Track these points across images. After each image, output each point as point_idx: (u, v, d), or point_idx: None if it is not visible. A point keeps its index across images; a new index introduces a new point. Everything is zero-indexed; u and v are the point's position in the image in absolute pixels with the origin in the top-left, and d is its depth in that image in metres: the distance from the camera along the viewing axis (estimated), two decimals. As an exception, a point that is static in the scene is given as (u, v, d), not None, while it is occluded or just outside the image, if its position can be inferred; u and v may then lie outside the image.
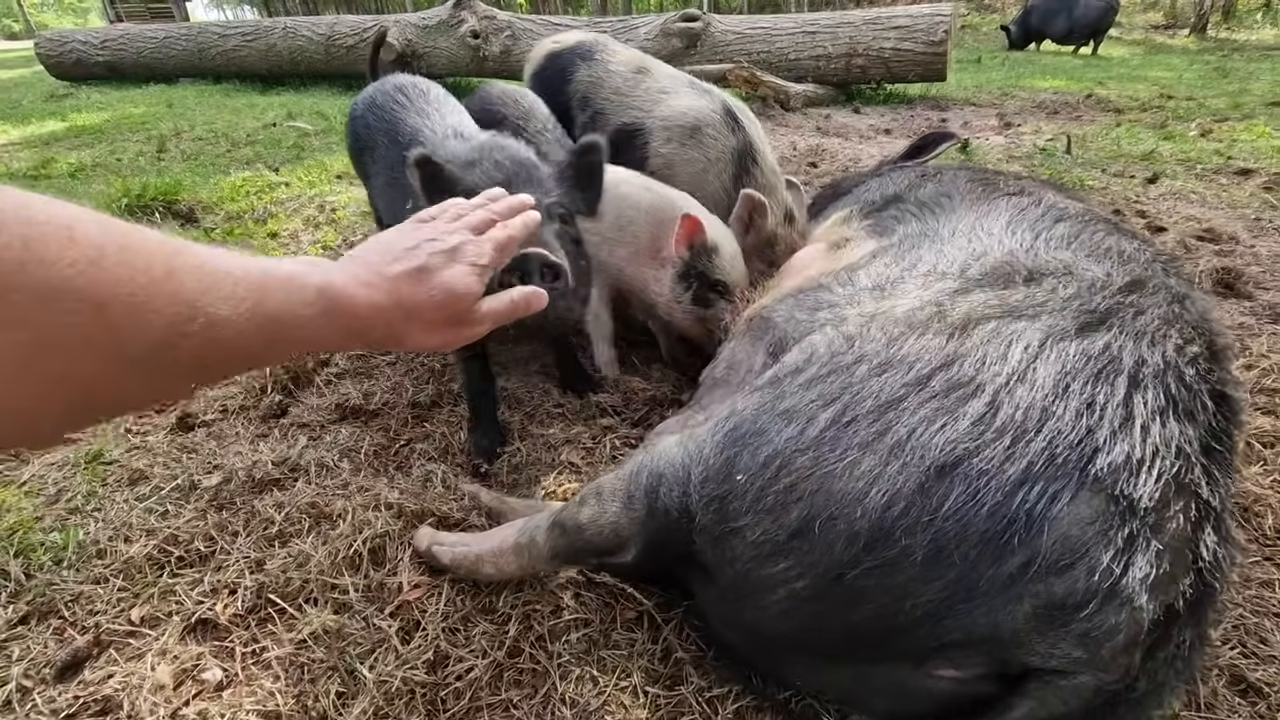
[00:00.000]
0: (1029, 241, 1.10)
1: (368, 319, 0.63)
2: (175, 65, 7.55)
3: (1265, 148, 3.78)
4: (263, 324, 0.53)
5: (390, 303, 0.64)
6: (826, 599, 0.74)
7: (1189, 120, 4.77)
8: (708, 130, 1.92)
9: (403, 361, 1.74)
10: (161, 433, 1.52)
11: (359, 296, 0.62)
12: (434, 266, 0.68)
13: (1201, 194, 3.02)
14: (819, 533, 0.73)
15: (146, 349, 0.45)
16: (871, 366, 0.85)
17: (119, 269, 0.43)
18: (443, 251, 0.69)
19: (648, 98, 2.11)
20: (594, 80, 2.25)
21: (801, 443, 0.80)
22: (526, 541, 1.00)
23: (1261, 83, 6.52)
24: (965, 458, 0.72)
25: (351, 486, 1.24)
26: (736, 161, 1.86)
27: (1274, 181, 3.13)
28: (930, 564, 0.69)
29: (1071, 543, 0.68)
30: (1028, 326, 0.87)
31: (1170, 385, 0.81)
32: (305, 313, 0.58)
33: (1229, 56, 9.43)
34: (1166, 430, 0.77)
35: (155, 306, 0.45)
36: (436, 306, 0.67)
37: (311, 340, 0.60)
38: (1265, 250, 2.35)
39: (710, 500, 0.82)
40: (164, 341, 0.46)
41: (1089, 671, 0.70)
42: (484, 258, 0.73)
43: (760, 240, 1.65)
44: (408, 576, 1.02)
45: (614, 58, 2.28)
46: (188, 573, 1.12)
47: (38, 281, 0.38)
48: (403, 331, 0.67)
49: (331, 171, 3.81)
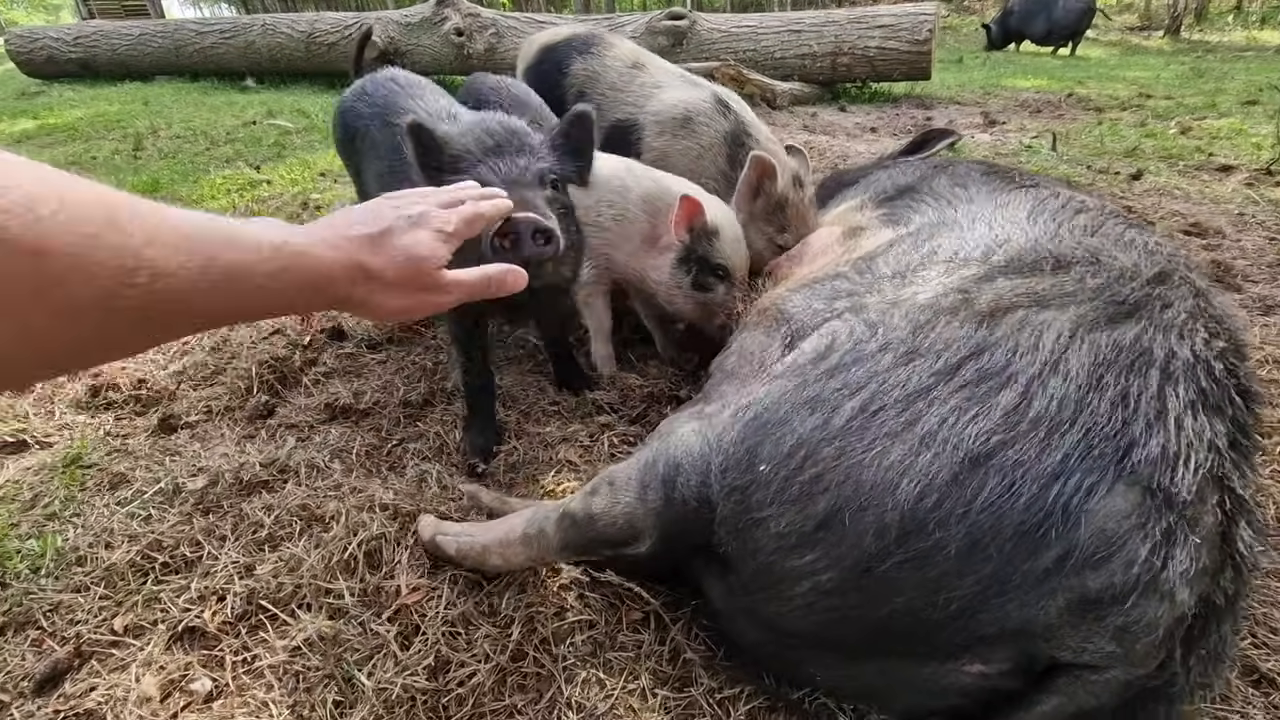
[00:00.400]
0: (1052, 230, 1.08)
1: (326, 276, 0.63)
2: (151, 63, 7.36)
3: (1244, 145, 3.84)
4: (216, 280, 0.53)
5: (351, 262, 0.64)
6: (854, 593, 0.71)
7: (1168, 119, 4.83)
8: (699, 119, 1.92)
9: (393, 360, 1.69)
10: (143, 435, 1.46)
11: (318, 254, 0.62)
12: (396, 229, 0.68)
13: (1185, 190, 3.05)
14: (848, 524, 0.71)
15: (90, 300, 0.45)
16: (897, 355, 0.83)
17: (56, 220, 0.42)
18: (406, 216, 0.70)
19: (641, 93, 2.10)
20: (591, 75, 2.22)
21: (827, 432, 0.77)
22: (535, 532, 0.96)
23: (1236, 82, 6.64)
24: (999, 449, 0.70)
25: (344, 488, 1.19)
26: (730, 143, 1.86)
27: (1255, 177, 3.18)
28: (964, 557, 0.67)
29: (1108, 536, 0.66)
30: (1057, 316, 0.85)
31: (1200, 379, 0.79)
32: (262, 269, 0.57)
33: (1203, 57, 9.62)
34: (1198, 423, 0.75)
35: (98, 259, 0.45)
36: (397, 268, 0.67)
37: (270, 299, 0.59)
38: (1251, 244, 2.38)
39: (732, 490, 0.79)
40: (108, 292, 0.46)
41: (1121, 666, 0.68)
42: (449, 225, 0.72)
43: (770, 204, 1.62)
44: (405, 579, 0.98)
45: (610, 51, 2.25)
46: (173, 579, 1.06)
47: None
48: (364, 293, 0.66)
49: (315, 169, 3.73)
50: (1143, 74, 7.62)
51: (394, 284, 0.67)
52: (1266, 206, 2.75)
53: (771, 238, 1.63)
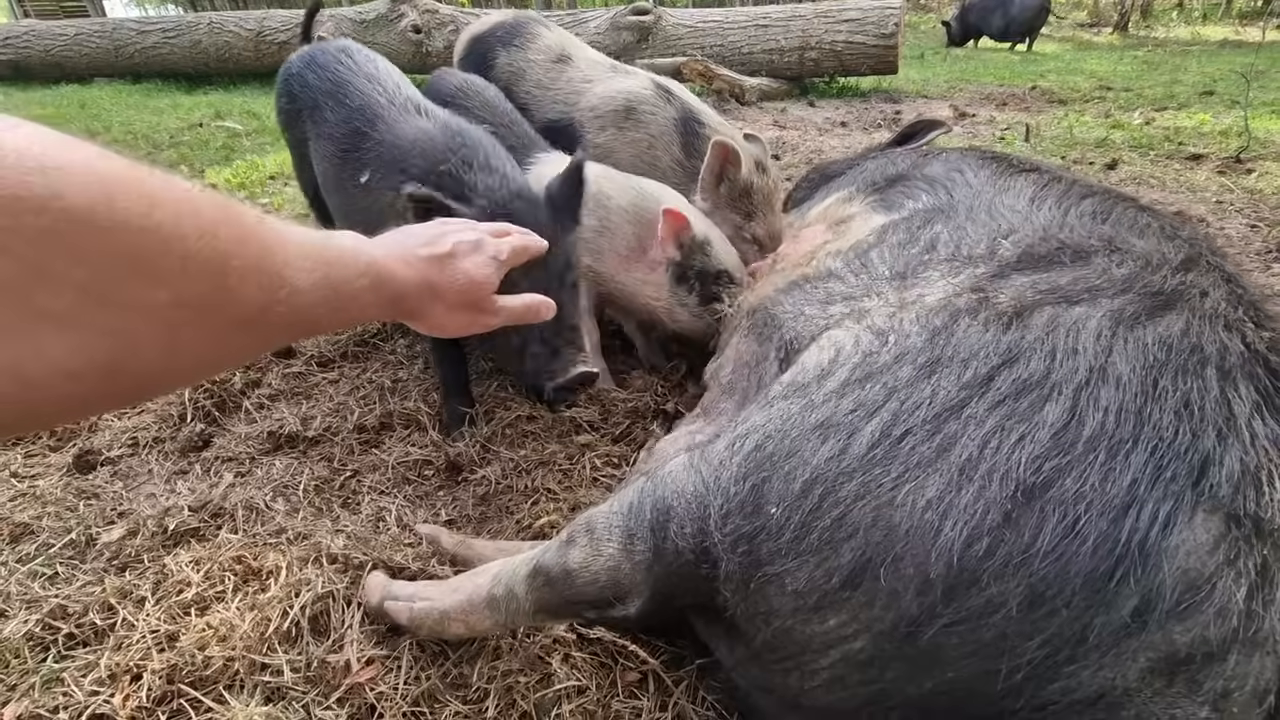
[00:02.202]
0: (1059, 217, 0.98)
1: (403, 293, 0.68)
2: (88, 64, 6.97)
3: (1210, 133, 3.87)
4: (327, 294, 0.57)
5: (421, 280, 0.70)
6: (894, 663, 0.59)
7: (1131, 110, 4.89)
8: (643, 108, 1.81)
9: (346, 378, 1.53)
10: (55, 474, 1.28)
11: (397, 272, 0.68)
12: (459, 253, 0.74)
13: (1160, 179, 3.04)
14: (881, 579, 0.59)
15: (251, 314, 0.50)
16: (917, 366, 0.71)
17: (229, 242, 0.47)
18: (467, 242, 0.76)
19: (570, 89, 1.99)
20: (515, 71, 2.10)
21: (845, 464, 0.65)
22: (503, 593, 0.82)
23: (1190, 74, 6.79)
24: (1055, 478, 0.59)
25: (287, 534, 1.04)
26: (681, 131, 1.76)
27: (1225, 165, 3.18)
28: (1026, 615, 0.55)
29: (1194, 578, 0.55)
30: (1089, 312, 0.74)
31: (1260, 375, 0.69)
32: (359, 284, 0.62)
33: (1153, 51, 9.86)
34: (1267, 428, 0.65)
35: (256, 277, 0.49)
36: (458, 290, 0.73)
37: (362, 310, 0.65)
38: (1235, 232, 2.35)
39: (737, 540, 0.66)
40: (263, 307, 0.50)
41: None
42: (502, 254, 0.79)
43: (735, 191, 1.55)
44: (356, 650, 0.83)
45: (534, 44, 2.11)
46: (79, 654, 0.89)
47: (175, 250, 0.43)
48: (429, 309, 0.73)
49: (264, 172, 3.52)
50: (1100, 67, 7.76)
51: (455, 303, 0.74)
52: (1242, 194, 2.74)
53: (739, 226, 1.56)
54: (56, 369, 0.38)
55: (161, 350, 0.44)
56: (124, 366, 0.43)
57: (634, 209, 1.46)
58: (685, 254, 1.38)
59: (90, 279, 0.38)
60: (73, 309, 0.38)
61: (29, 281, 0.36)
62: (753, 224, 1.56)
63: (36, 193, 0.35)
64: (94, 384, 0.42)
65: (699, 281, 1.38)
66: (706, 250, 1.38)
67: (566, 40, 2.15)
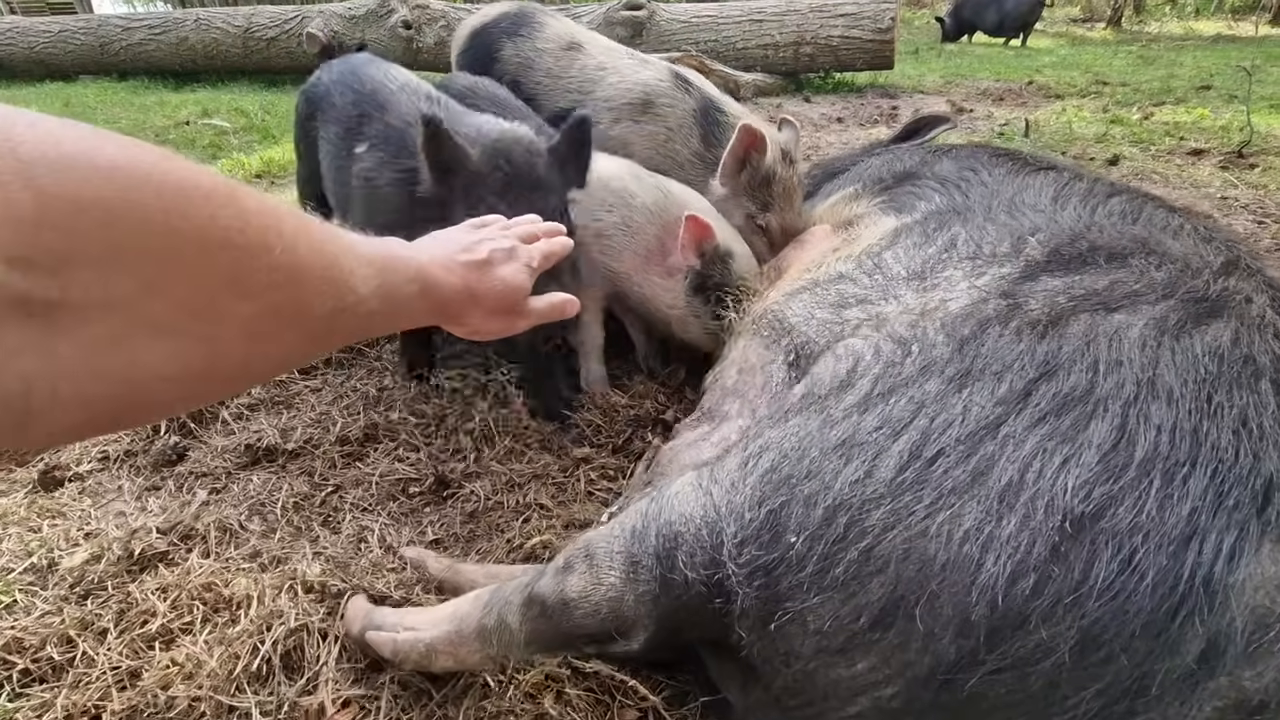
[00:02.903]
0: (1086, 217, 0.93)
1: (447, 299, 0.69)
2: (74, 61, 6.82)
3: (1210, 128, 3.84)
4: (383, 300, 0.58)
5: (463, 286, 0.71)
6: (930, 713, 0.53)
7: (1129, 104, 4.85)
8: (661, 100, 1.74)
9: (330, 387, 1.46)
10: (19, 492, 1.20)
11: (442, 278, 0.69)
12: (495, 261, 0.75)
13: (1163, 174, 2.99)
14: (916, 620, 0.53)
15: (322, 322, 0.51)
16: (946, 379, 0.66)
17: (306, 254, 0.49)
18: (502, 250, 0.77)
19: (584, 78, 1.91)
20: (523, 61, 2.02)
21: (871, 488, 0.59)
22: (495, 624, 0.76)
23: (1185, 69, 6.76)
24: (1107, 506, 0.53)
25: (262, 557, 0.97)
26: (701, 121, 1.69)
27: (1228, 161, 3.14)
28: (1079, 661, 0.49)
29: (1262, 615, 0.50)
30: (1130, 320, 0.68)
31: (1316, 388, 0.63)
32: (409, 290, 0.63)
33: (1148, 46, 9.84)
34: (1328, 446, 0.59)
35: (328, 287, 0.51)
36: (497, 296, 0.74)
37: (411, 316, 0.67)
38: (1241, 228, 2.30)
39: (753, 572, 0.60)
40: (331, 315, 0.52)
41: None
42: (534, 261, 0.81)
43: (756, 179, 1.47)
44: (331, 690, 0.76)
45: (542, 32, 2.03)
46: (34, 691, 0.83)
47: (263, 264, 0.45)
48: (469, 315, 0.74)
49: (250, 170, 3.43)
50: (1095, 62, 7.73)
51: (493, 309, 0.75)
52: (1245, 190, 2.69)
53: (752, 215, 1.49)
54: (155, 374, 0.41)
55: (243, 356, 0.47)
56: (212, 372, 0.45)
57: (659, 210, 1.40)
58: (706, 264, 1.32)
59: (193, 293, 0.41)
60: (176, 321, 0.41)
61: (142, 296, 0.38)
62: (768, 215, 1.49)
63: (157, 214, 0.38)
64: (185, 389, 0.45)
65: (717, 295, 1.31)
66: (728, 263, 1.32)
67: (574, 28, 2.08)
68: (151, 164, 0.38)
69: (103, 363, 0.38)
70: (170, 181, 0.38)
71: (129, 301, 0.38)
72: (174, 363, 0.41)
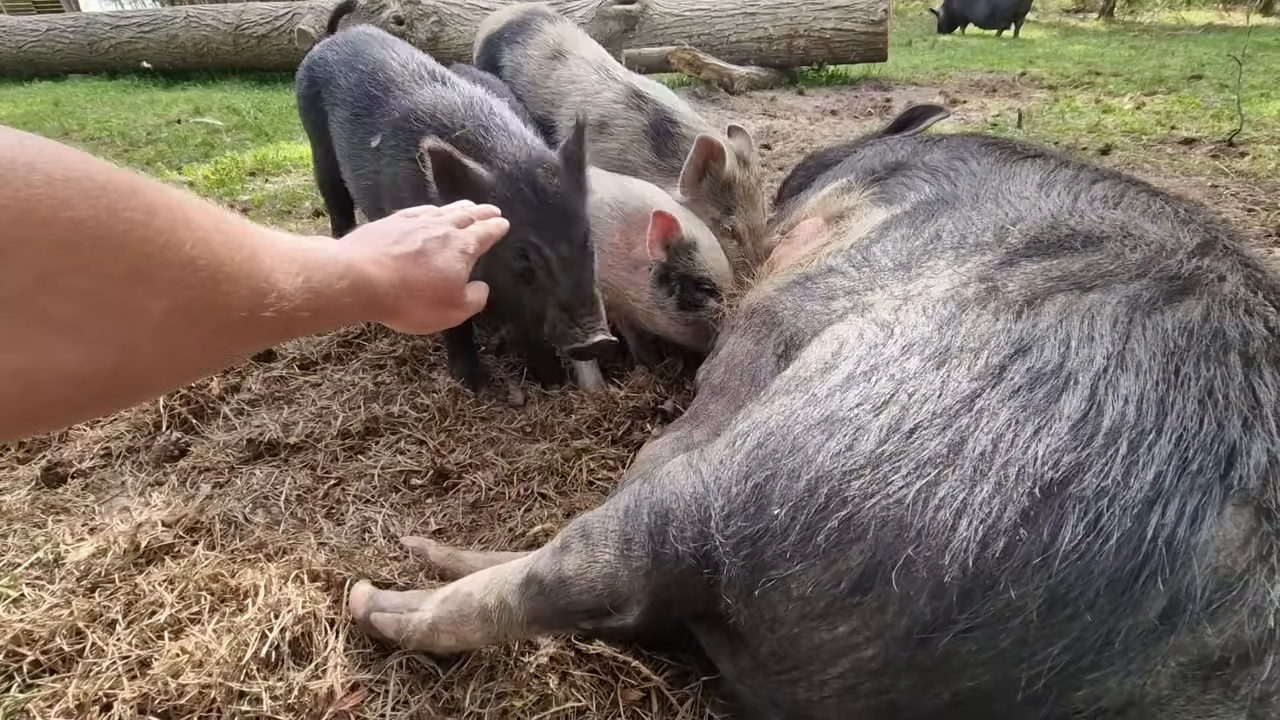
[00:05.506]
0: (1069, 203, 0.95)
1: (379, 294, 0.68)
2: (62, 59, 6.80)
3: (1201, 117, 3.86)
4: (310, 297, 0.57)
5: (397, 279, 0.70)
6: (907, 672, 0.56)
7: (1121, 95, 4.87)
8: (615, 122, 1.85)
9: (329, 381, 1.48)
10: (23, 489, 1.23)
11: (373, 273, 0.67)
12: (430, 251, 0.74)
13: (1155, 164, 3.02)
14: (893, 583, 0.55)
15: (241, 320, 0.50)
16: (925, 357, 0.68)
17: (221, 249, 0.47)
18: (436, 238, 0.76)
19: (556, 89, 2.00)
20: (514, 67, 2.11)
21: (852, 460, 0.61)
22: (495, 604, 0.78)
23: (1177, 59, 6.79)
24: (1075, 473, 0.55)
25: (267, 548, 0.99)
26: (653, 134, 1.79)
27: (1219, 150, 3.17)
28: (1047, 619, 0.52)
29: (1225, 575, 0.52)
30: (1104, 298, 0.71)
31: (1283, 360, 0.66)
32: (338, 286, 0.62)
33: (1139, 36, 9.87)
34: (1293, 415, 0.62)
35: (246, 283, 0.50)
36: (433, 287, 0.73)
37: (341, 312, 0.65)
38: (1233, 217, 2.33)
39: (739, 542, 0.63)
40: (251, 313, 0.51)
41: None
42: (470, 247, 0.79)
43: (717, 186, 1.56)
44: (340, 674, 0.78)
45: (533, 39, 2.11)
46: (45, 682, 0.85)
47: (173, 258, 0.43)
48: (406, 308, 0.72)
49: (244, 168, 3.44)
50: (1087, 53, 7.75)
51: (430, 301, 0.74)
52: (1236, 178, 2.72)
53: (718, 220, 1.57)
54: (61, 374, 0.40)
55: (157, 356, 0.45)
56: (123, 372, 0.44)
57: (617, 205, 1.46)
58: (670, 257, 1.37)
59: (95, 288, 0.39)
60: (78, 317, 0.39)
61: (38, 291, 0.37)
62: (733, 218, 1.57)
63: (45, 204, 0.36)
64: (95, 389, 0.43)
65: (680, 285, 1.37)
66: (691, 254, 1.37)
67: (566, 36, 2.12)
68: (37, 152, 0.36)
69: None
70: (59, 171, 0.37)
71: (23, 297, 0.36)
72: (80, 362, 0.40)
